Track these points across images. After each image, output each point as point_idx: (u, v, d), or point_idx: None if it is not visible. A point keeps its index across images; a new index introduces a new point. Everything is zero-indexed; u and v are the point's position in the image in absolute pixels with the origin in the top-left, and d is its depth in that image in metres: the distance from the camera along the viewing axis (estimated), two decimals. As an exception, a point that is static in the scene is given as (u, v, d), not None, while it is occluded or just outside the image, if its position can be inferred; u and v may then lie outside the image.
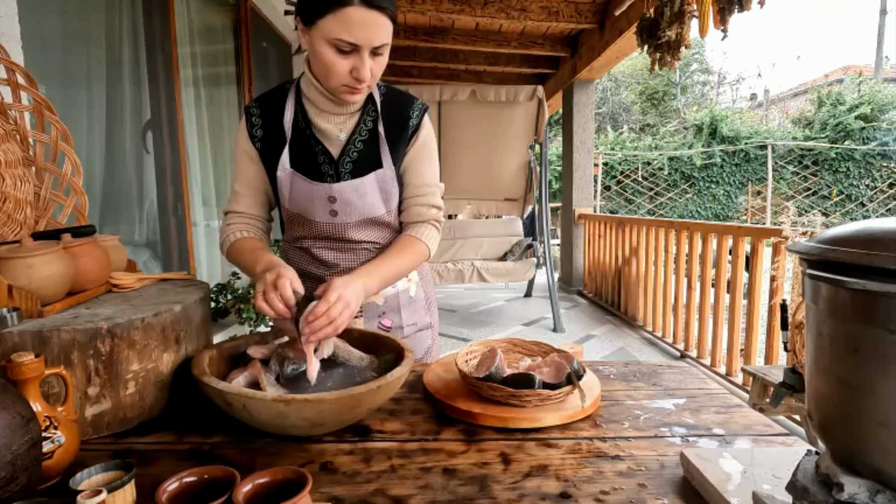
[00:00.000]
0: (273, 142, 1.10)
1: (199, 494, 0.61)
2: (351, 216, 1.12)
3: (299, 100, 1.10)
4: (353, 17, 0.91)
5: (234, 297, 2.83)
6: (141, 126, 2.42)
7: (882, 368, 0.46)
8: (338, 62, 0.96)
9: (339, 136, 1.09)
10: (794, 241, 0.66)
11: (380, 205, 1.12)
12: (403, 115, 1.12)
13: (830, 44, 75.19)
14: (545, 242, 5.18)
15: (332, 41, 0.93)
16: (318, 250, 1.18)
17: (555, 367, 0.95)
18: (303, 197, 1.10)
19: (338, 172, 1.09)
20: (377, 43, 0.94)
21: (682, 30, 3.20)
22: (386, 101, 1.12)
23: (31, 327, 0.76)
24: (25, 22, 1.48)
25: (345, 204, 1.10)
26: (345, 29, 0.91)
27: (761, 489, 0.62)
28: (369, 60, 0.96)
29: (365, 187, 1.10)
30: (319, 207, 1.11)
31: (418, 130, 1.13)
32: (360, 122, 1.10)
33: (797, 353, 2.21)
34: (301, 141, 1.09)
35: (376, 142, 1.10)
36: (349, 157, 1.09)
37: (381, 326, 1.22)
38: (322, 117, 1.08)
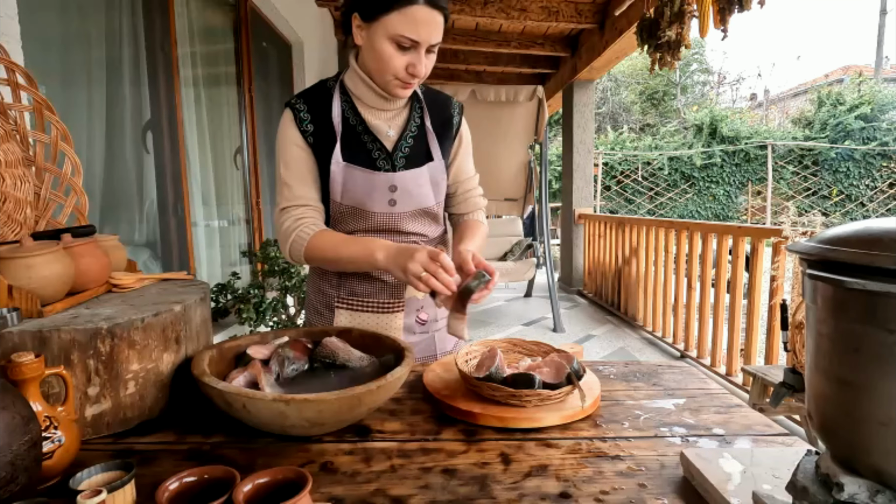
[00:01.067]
0: (324, 137, 1.11)
1: (199, 494, 0.61)
2: (408, 206, 1.15)
3: (346, 97, 1.13)
4: (417, 16, 0.97)
5: (234, 297, 2.83)
6: (141, 126, 2.42)
7: (882, 368, 0.46)
8: (396, 57, 1.01)
9: (388, 132, 1.14)
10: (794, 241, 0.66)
11: (431, 196, 1.18)
12: (446, 113, 1.20)
13: (830, 44, 75.20)
14: (545, 242, 5.18)
15: (394, 37, 0.99)
16: None
17: (555, 367, 0.95)
18: (361, 188, 1.11)
19: (393, 165, 1.13)
20: (434, 41, 1.01)
21: (682, 30, 3.20)
22: (427, 98, 1.19)
23: (31, 327, 0.76)
24: (25, 22, 1.48)
25: (405, 193, 1.14)
26: (409, 26, 0.97)
27: (761, 489, 0.62)
28: (425, 57, 1.02)
29: (421, 178, 1.15)
30: (379, 197, 1.13)
31: (460, 127, 1.23)
32: (410, 118, 1.16)
33: (797, 353, 2.21)
34: (352, 136, 1.12)
35: (425, 137, 1.17)
36: (401, 152, 1.14)
37: (418, 320, 1.24)
38: (372, 113, 1.13)
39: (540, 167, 5.20)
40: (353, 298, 1.22)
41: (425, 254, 0.94)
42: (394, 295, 1.21)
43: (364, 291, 1.21)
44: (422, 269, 0.93)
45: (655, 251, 4.39)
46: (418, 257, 0.94)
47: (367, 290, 1.21)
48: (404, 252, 0.97)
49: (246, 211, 3.59)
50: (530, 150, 5.25)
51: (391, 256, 0.99)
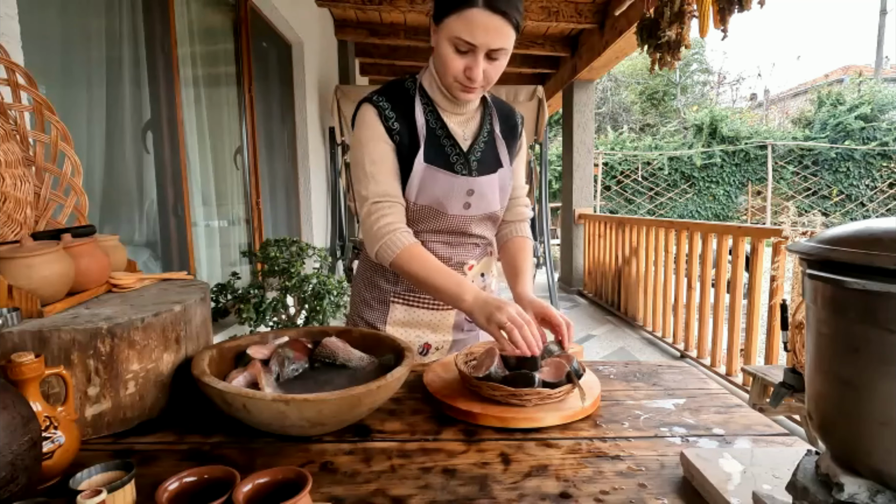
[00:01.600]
0: (408, 137, 1.12)
1: (199, 494, 0.61)
2: (480, 209, 1.18)
3: (427, 99, 1.15)
4: (475, 19, 0.96)
5: (234, 297, 2.83)
6: (141, 126, 2.42)
7: (882, 368, 0.46)
8: (455, 60, 1.02)
9: (464, 136, 1.16)
10: (794, 241, 0.66)
11: (498, 201, 1.21)
12: (512, 122, 1.24)
13: (830, 44, 75.20)
14: (545, 242, 5.18)
15: (452, 39, 1.00)
16: (434, 244, 1.19)
17: (554, 366, 0.95)
18: (440, 190, 1.13)
19: (470, 170, 1.15)
20: (494, 46, 0.99)
21: (682, 30, 3.20)
22: (495, 106, 1.22)
23: (31, 327, 0.76)
24: (25, 22, 1.48)
25: (480, 197, 1.16)
26: (466, 29, 0.97)
27: (761, 489, 0.62)
28: (483, 62, 1.01)
29: (496, 184, 1.18)
30: (456, 200, 1.14)
31: (521, 137, 1.27)
32: (483, 123, 1.19)
33: (797, 353, 2.21)
34: (434, 138, 1.14)
35: (494, 143, 1.19)
36: (475, 156, 1.16)
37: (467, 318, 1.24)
38: (448, 117, 1.16)
39: (540, 167, 5.19)
40: (410, 294, 1.24)
41: (513, 309, 0.93)
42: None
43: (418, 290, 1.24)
44: (507, 320, 0.91)
45: (655, 251, 4.39)
46: (506, 310, 0.93)
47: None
48: (492, 303, 0.96)
49: (246, 211, 3.59)
50: (530, 150, 5.24)
51: (479, 303, 0.98)
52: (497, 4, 0.96)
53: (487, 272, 1.31)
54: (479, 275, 1.28)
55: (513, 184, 1.26)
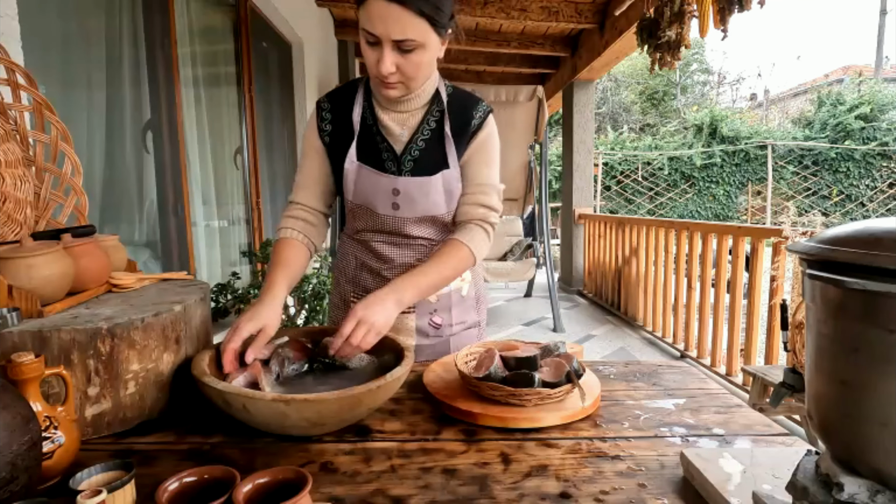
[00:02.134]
0: (342, 135, 1.13)
1: (199, 494, 0.61)
2: (412, 211, 1.14)
3: (368, 96, 1.14)
4: (372, 10, 0.94)
5: (234, 297, 2.83)
6: (141, 126, 2.42)
7: (882, 368, 0.46)
8: (368, 53, 1.00)
9: (401, 134, 1.12)
10: (794, 241, 0.67)
11: (442, 204, 1.14)
12: (467, 116, 1.14)
13: (830, 44, 75.20)
14: (545, 242, 5.18)
15: (361, 31, 0.98)
16: (377, 244, 1.20)
17: (554, 366, 0.95)
18: (368, 188, 1.12)
19: (399, 169, 1.12)
20: (396, 37, 0.95)
21: (682, 30, 3.20)
22: (452, 101, 1.15)
23: (31, 327, 0.76)
24: (25, 22, 1.48)
25: (407, 199, 1.12)
26: (367, 20, 0.95)
27: (761, 489, 0.62)
28: (392, 55, 0.97)
29: (430, 186, 1.11)
30: (383, 199, 1.13)
31: (479, 130, 1.14)
32: (424, 121, 1.12)
33: (797, 353, 2.21)
34: (368, 136, 1.13)
35: (442, 141, 1.12)
36: (410, 156, 1.12)
37: (431, 323, 1.24)
38: (386, 113, 1.12)
39: (540, 167, 5.19)
40: (366, 294, 1.22)
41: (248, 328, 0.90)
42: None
43: (374, 288, 1.22)
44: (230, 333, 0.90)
45: (655, 251, 4.39)
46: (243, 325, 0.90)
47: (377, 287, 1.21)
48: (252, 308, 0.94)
49: (246, 211, 3.59)
50: (530, 150, 5.25)
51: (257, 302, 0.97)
52: None
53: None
54: None
55: (465, 181, 1.16)
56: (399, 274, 1.19)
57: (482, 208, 1.15)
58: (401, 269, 1.20)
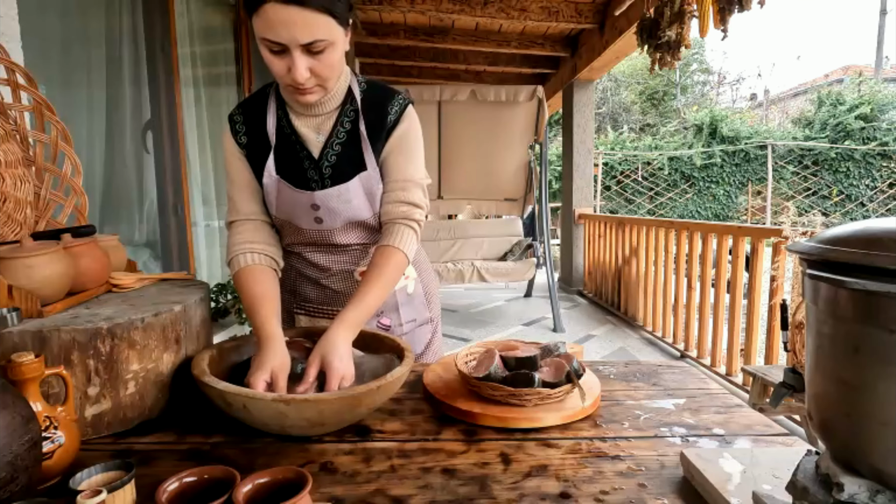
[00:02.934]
0: (258, 148, 1.06)
1: (199, 494, 0.61)
2: (335, 221, 1.09)
3: (281, 103, 1.07)
4: (271, 16, 0.86)
5: (234, 297, 2.83)
6: (141, 126, 2.42)
7: (882, 368, 0.46)
8: (274, 62, 0.92)
9: (318, 138, 1.05)
10: (794, 241, 0.67)
11: (366, 208, 1.09)
12: (382, 111, 1.07)
13: (830, 44, 75.19)
14: (545, 242, 5.18)
15: (261, 41, 0.90)
16: (310, 254, 1.17)
17: (554, 366, 0.95)
18: (288, 204, 1.07)
19: (321, 177, 1.05)
20: (304, 40, 0.88)
21: (682, 30, 3.20)
22: (366, 98, 1.07)
23: (31, 327, 0.76)
24: (25, 22, 1.48)
25: (328, 211, 1.07)
26: (266, 28, 0.87)
27: (761, 489, 0.62)
28: (306, 59, 0.90)
29: (350, 192, 1.06)
30: (303, 214, 1.08)
31: (397, 124, 1.07)
32: (337, 123, 1.05)
33: (797, 353, 2.21)
34: (286, 146, 1.06)
35: (358, 142, 1.05)
36: (328, 161, 1.05)
37: (379, 325, 1.22)
38: (300, 120, 1.05)
39: (540, 167, 5.19)
40: (308, 305, 1.22)
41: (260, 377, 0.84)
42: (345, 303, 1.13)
43: (317, 298, 1.21)
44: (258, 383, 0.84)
45: (655, 251, 4.39)
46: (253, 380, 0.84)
47: (320, 298, 1.21)
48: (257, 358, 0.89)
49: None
50: (530, 150, 5.25)
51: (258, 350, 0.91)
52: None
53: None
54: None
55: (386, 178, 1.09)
56: (336, 281, 1.18)
57: (404, 205, 1.08)
58: (338, 276, 1.18)
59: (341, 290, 1.19)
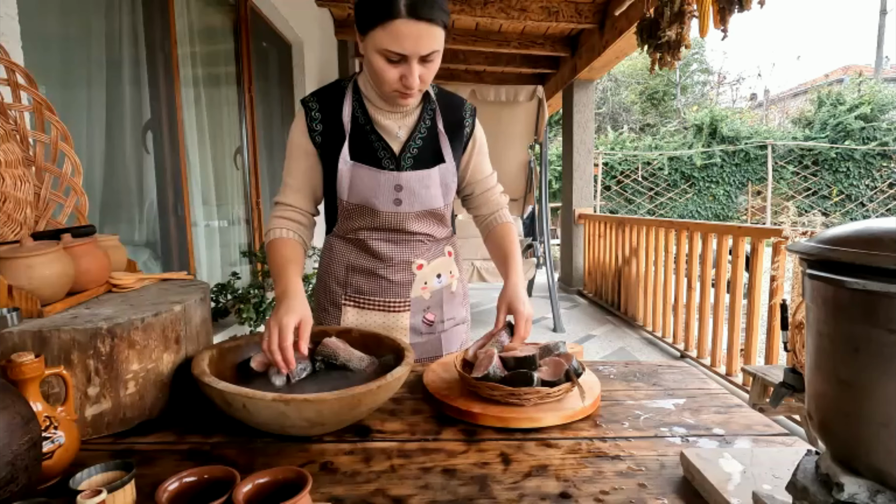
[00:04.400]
0: (333, 136, 1.13)
1: (199, 494, 0.61)
2: (414, 206, 1.15)
3: (358, 97, 1.14)
4: (401, 30, 0.94)
5: (234, 297, 2.83)
6: (141, 126, 2.42)
7: (882, 368, 0.46)
8: (388, 70, 1.00)
9: (398, 133, 1.14)
10: (794, 241, 0.66)
11: (440, 197, 1.17)
12: (458, 116, 1.20)
13: (830, 44, 75.17)
14: (545, 242, 5.18)
15: (381, 51, 0.98)
16: (375, 242, 1.19)
17: (553, 365, 0.95)
18: (367, 186, 1.12)
19: (399, 165, 1.13)
20: (424, 52, 0.97)
21: (682, 30, 3.20)
22: (441, 100, 1.19)
23: (31, 327, 0.76)
24: (25, 22, 1.48)
25: (410, 193, 1.14)
26: (393, 41, 0.95)
27: (761, 489, 0.62)
28: (418, 67, 0.99)
29: (430, 178, 1.15)
30: (384, 196, 1.13)
31: (474, 131, 1.23)
32: (420, 120, 1.16)
33: (797, 353, 2.21)
34: (361, 136, 1.13)
35: (436, 138, 1.16)
36: (410, 153, 1.14)
37: (425, 321, 1.25)
38: (381, 114, 1.14)
39: (540, 167, 5.19)
40: (359, 296, 1.23)
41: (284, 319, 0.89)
42: (400, 294, 1.22)
43: (370, 290, 1.22)
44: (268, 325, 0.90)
45: (655, 251, 4.39)
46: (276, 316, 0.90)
47: (373, 289, 1.22)
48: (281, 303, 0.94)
49: (246, 211, 3.59)
50: (530, 150, 5.25)
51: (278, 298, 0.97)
52: (420, 12, 0.93)
53: (445, 273, 1.27)
54: (434, 275, 1.25)
55: (477, 176, 1.26)
56: (395, 272, 1.21)
57: (502, 195, 1.30)
58: (397, 267, 1.20)
59: (397, 280, 1.21)
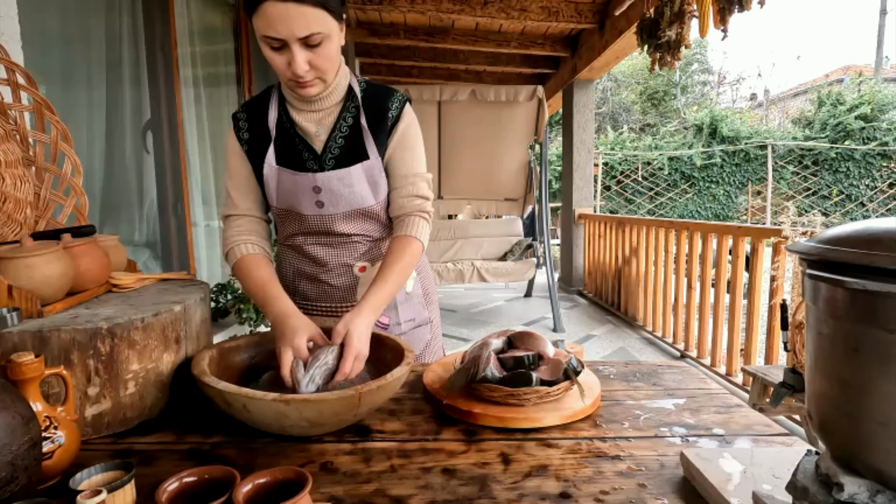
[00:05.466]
0: (259, 143, 1.12)
1: (199, 494, 0.61)
2: (338, 206, 1.12)
3: (282, 101, 1.12)
4: (270, 13, 0.90)
5: (234, 297, 2.83)
6: (141, 126, 2.42)
7: (882, 368, 0.46)
8: (274, 58, 0.97)
9: (318, 132, 1.11)
10: (794, 241, 0.67)
11: (368, 195, 1.13)
12: (383, 108, 1.13)
13: (830, 44, 75.15)
14: (545, 242, 5.18)
15: (262, 39, 0.95)
16: (310, 247, 1.18)
17: (552, 364, 0.95)
18: (289, 190, 1.11)
19: (321, 166, 1.11)
20: (302, 34, 0.92)
21: (682, 30, 3.20)
22: (366, 95, 1.13)
23: (31, 327, 0.76)
24: (25, 22, 1.48)
25: (330, 193, 1.11)
26: (266, 25, 0.92)
27: (761, 489, 0.62)
28: (304, 52, 0.95)
29: (352, 177, 1.10)
30: (305, 199, 1.11)
31: (398, 122, 1.14)
32: (340, 117, 1.12)
33: (797, 353, 2.21)
34: (285, 139, 1.11)
35: (360, 135, 1.11)
36: (331, 154, 1.11)
37: (378, 324, 1.21)
38: (301, 115, 1.11)
39: (540, 167, 5.19)
40: (307, 303, 1.22)
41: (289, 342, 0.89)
42: (345, 299, 1.20)
43: (315, 296, 1.21)
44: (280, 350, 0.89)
45: (655, 251, 4.39)
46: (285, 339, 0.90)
47: (318, 294, 1.21)
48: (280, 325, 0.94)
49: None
50: (530, 150, 5.25)
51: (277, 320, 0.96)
52: None
53: None
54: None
55: (393, 172, 1.15)
56: (335, 276, 1.19)
57: (416, 199, 1.15)
58: (337, 271, 1.19)
59: (339, 284, 1.19)
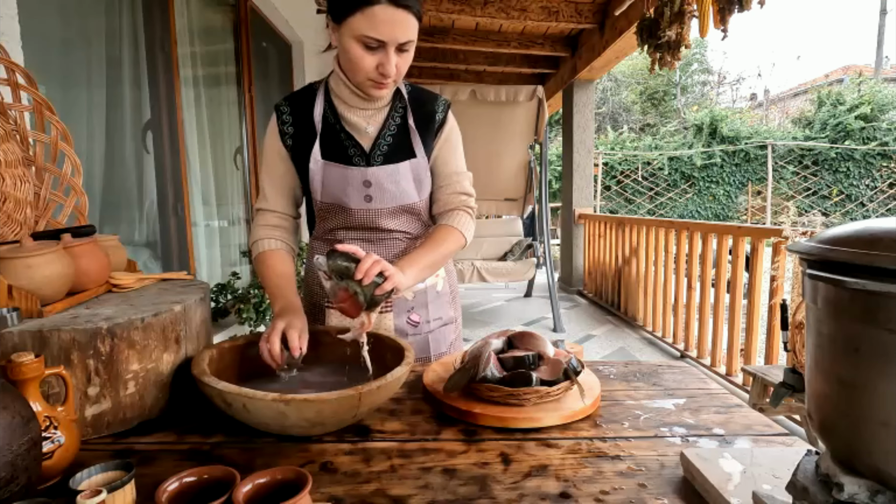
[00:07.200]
0: (304, 137, 1.14)
1: (199, 494, 0.61)
2: (385, 202, 1.15)
3: (328, 97, 1.15)
4: (380, 16, 0.95)
5: (234, 297, 2.83)
6: (141, 126, 2.42)
7: (882, 368, 0.46)
8: (365, 58, 1.00)
9: (367, 129, 1.14)
10: (794, 241, 0.66)
11: (413, 192, 1.16)
12: (429, 110, 1.19)
13: (830, 44, 75.11)
14: (545, 242, 5.18)
15: (359, 38, 0.98)
16: (350, 241, 1.18)
17: (552, 364, 0.95)
18: (337, 184, 1.13)
19: (369, 162, 1.13)
20: (402, 40, 0.99)
21: (682, 30, 3.20)
22: (412, 97, 1.18)
23: (31, 327, 0.76)
24: (25, 22, 1.48)
25: (379, 189, 1.13)
26: (372, 26, 0.96)
27: (761, 489, 0.62)
28: (395, 56, 1.00)
29: (399, 174, 1.14)
30: (354, 193, 1.13)
31: (444, 124, 1.20)
32: (389, 116, 1.16)
33: (797, 353, 2.21)
34: (331, 135, 1.13)
35: (406, 134, 1.16)
36: (380, 150, 1.14)
37: (409, 321, 1.24)
38: (351, 112, 1.14)
39: (540, 167, 5.19)
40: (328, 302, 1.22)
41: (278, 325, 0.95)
42: None
43: None
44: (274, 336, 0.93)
45: (655, 251, 4.39)
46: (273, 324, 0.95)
47: None
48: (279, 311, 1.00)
49: (246, 211, 3.59)
50: (530, 150, 5.25)
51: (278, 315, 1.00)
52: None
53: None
54: None
55: (439, 170, 1.21)
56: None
57: (461, 195, 1.21)
58: None
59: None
